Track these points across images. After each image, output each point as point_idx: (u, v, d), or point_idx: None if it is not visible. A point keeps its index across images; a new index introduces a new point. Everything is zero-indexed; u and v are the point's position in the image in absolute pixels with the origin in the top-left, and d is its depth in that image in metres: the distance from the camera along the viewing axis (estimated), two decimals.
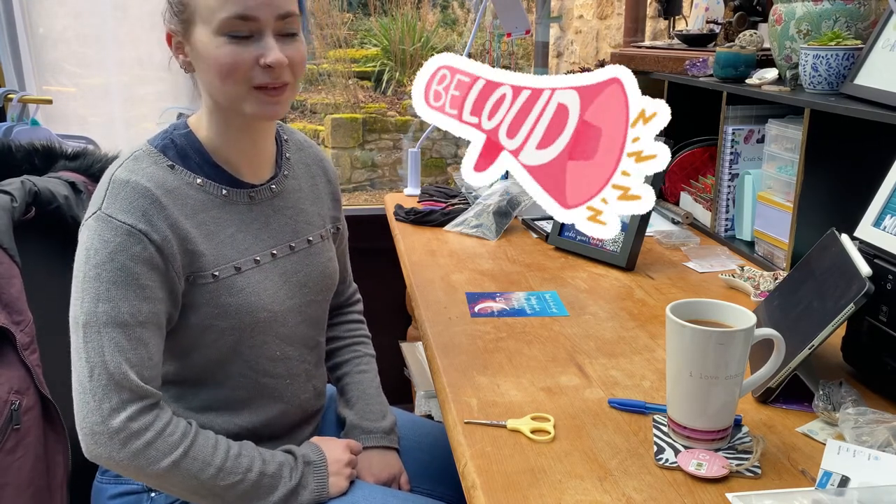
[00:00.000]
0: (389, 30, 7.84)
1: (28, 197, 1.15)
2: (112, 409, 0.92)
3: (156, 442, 0.93)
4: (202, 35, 0.97)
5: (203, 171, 1.03)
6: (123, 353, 0.93)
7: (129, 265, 0.93)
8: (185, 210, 0.99)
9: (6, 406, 0.99)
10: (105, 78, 2.01)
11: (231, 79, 0.97)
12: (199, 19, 0.97)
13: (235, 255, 1.04)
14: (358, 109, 7.19)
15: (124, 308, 0.93)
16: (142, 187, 0.96)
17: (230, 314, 1.02)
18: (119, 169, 0.98)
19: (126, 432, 0.92)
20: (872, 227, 1.00)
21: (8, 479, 0.99)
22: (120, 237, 0.93)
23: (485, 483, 0.80)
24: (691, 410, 0.86)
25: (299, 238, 1.13)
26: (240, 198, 1.06)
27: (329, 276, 1.18)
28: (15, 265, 1.07)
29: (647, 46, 2.16)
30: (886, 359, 0.95)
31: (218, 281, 1.01)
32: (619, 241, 1.49)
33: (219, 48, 0.96)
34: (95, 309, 0.92)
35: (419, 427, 1.32)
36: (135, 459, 0.93)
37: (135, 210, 0.95)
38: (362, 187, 6.93)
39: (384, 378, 1.30)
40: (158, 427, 0.94)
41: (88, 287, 0.93)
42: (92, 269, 0.93)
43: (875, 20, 1.39)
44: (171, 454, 0.94)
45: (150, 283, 0.95)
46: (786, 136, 1.47)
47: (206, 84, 1.01)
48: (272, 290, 1.07)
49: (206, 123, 1.05)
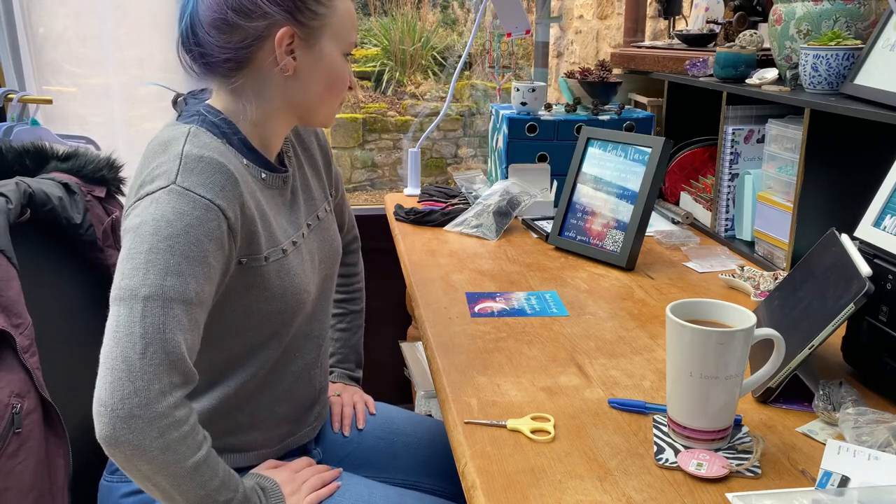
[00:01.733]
0: (389, 30, 7.84)
1: (23, 198, 1.14)
2: (161, 391, 0.85)
3: (189, 437, 0.88)
4: (331, 49, 1.01)
5: (243, 153, 1.02)
6: (184, 332, 0.88)
7: (204, 241, 0.89)
8: (248, 188, 0.98)
9: (7, 410, 0.99)
10: (105, 78, 2.01)
11: (339, 94, 1.05)
12: (329, 33, 1.00)
13: (282, 238, 1.04)
14: (358, 109, 7.19)
15: (192, 285, 0.88)
16: (217, 163, 0.93)
17: (278, 297, 1.02)
18: (187, 145, 0.93)
19: (168, 420, 0.85)
20: (872, 227, 1.00)
21: (10, 483, 0.98)
22: (198, 211, 0.89)
23: (485, 483, 0.80)
24: (691, 410, 0.86)
25: (312, 216, 1.14)
26: (275, 182, 1.06)
27: (337, 250, 1.20)
28: (13, 267, 1.07)
29: (647, 46, 2.16)
30: (886, 359, 0.95)
31: (269, 264, 1.00)
32: (619, 241, 1.49)
33: (342, 65, 1.03)
34: (163, 282, 0.86)
35: (419, 424, 1.33)
36: (165, 452, 0.86)
37: (213, 185, 0.91)
38: (362, 187, 6.93)
39: (384, 378, 1.31)
40: (193, 421, 0.89)
41: (157, 259, 0.87)
42: (163, 240, 0.87)
43: (875, 20, 1.39)
44: (196, 454, 0.89)
45: (216, 263, 0.92)
46: (786, 136, 1.48)
47: (307, 91, 1.01)
48: (308, 269, 1.09)
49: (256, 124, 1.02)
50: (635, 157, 1.52)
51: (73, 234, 1.22)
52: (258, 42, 0.97)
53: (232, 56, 0.97)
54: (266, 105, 1.02)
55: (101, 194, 1.29)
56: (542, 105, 1.89)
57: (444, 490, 1.24)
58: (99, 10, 1.96)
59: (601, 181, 1.57)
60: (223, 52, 0.96)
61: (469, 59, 7.23)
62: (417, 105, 7.36)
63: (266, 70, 0.99)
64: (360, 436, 1.28)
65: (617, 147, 1.56)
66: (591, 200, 1.58)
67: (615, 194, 1.53)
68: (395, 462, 1.26)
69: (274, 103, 1.02)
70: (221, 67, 0.98)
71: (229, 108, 1.02)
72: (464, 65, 2.27)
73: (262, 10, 0.95)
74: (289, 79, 1.00)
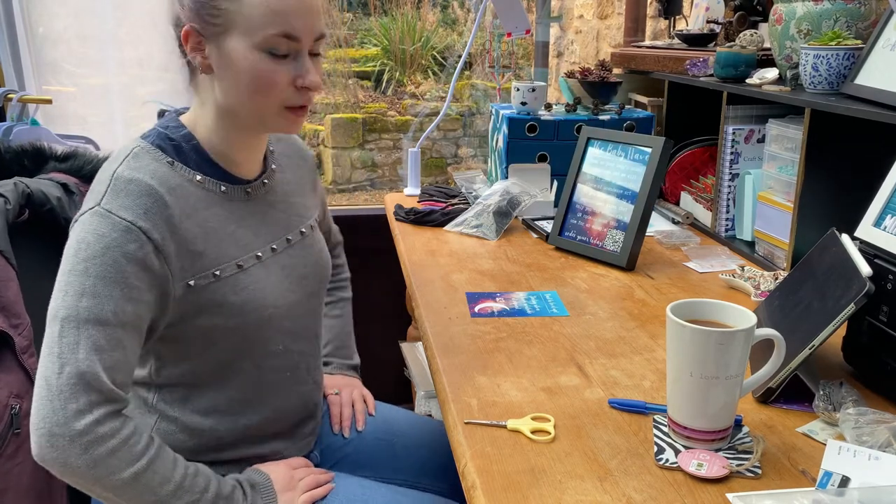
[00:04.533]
0: (389, 30, 7.84)
1: (21, 199, 1.14)
2: (78, 410, 0.86)
3: (120, 450, 0.88)
4: (238, 45, 0.95)
5: (200, 168, 1.01)
6: (99, 352, 0.88)
7: (121, 262, 0.90)
8: (186, 208, 0.97)
9: (6, 410, 0.99)
10: (105, 78, 2.01)
11: (263, 95, 0.97)
12: (236, 29, 0.95)
13: (237, 253, 1.02)
14: (358, 109, 7.19)
15: (108, 306, 0.89)
16: (146, 185, 0.94)
17: (235, 313, 1.01)
18: (121, 166, 0.95)
19: (90, 436, 0.86)
20: (873, 227, 1.00)
21: (9, 483, 0.98)
22: (116, 233, 0.90)
23: (485, 483, 0.80)
24: (691, 410, 0.86)
25: (293, 231, 1.13)
26: (237, 194, 1.05)
27: (325, 267, 1.19)
28: (11, 268, 1.07)
29: (647, 46, 2.16)
30: (886, 359, 0.95)
31: (220, 280, 1.00)
32: (620, 241, 1.49)
33: (257, 63, 0.95)
34: (78, 304, 0.88)
35: (418, 424, 1.33)
36: (94, 468, 0.87)
37: (137, 207, 0.92)
38: (362, 187, 6.93)
39: (384, 378, 1.30)
40: (124, 435, 0.89)
41: (73, 280, 0.89)
42: (81, 262, 0.89)
43: (875, 20, 1.39)
44: (133, 465, 0.89)
45: (139, 283, 0.91)
46: (786, 136, 1.47)
47: (227, 92, 0.99)
48: (276, 285, 1.06)
49: (210, 124, 1.03)
50: (635, 157, 1.52)
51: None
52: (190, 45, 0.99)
53: (182, 57, 1.00)
54: (208, 109, 1.02)
55: None
56: (542, 105, 1.89)
57: (443, 490, 1.24)
58: (99, 10, 1.96)
59: (601, 181, 1.57)
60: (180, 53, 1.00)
61: (469, 59, 7.23)
62: (417, 105, 7.36)
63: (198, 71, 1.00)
64: (359, 437, 1.27)
65: (617, 147, 1.56)
66: (592, 200, 1.58)
67: (615, 194, 1.53)
68: (395, 463, 1.26)
69: (213, 107, 1.01)
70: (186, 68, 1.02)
71: (193, 114, 1.04)
72: (464, 65, 2.27)
73: (175, 11, 0.98)
74: (214, 80, 0.99)
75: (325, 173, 7.05)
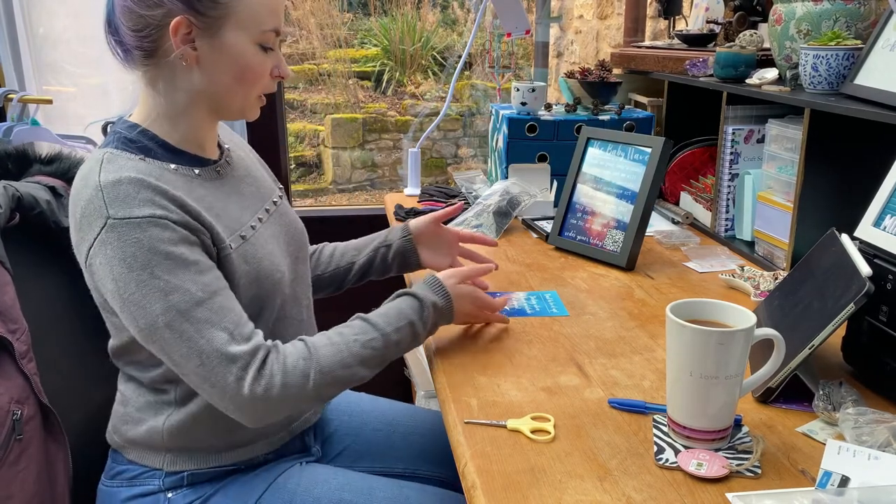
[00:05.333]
0: (389, 30, 7.84)
1: (11, 202, 1.13)
2: (237, 379, 0.92)
3: (288, 384, 0.94)
4: (235, 38, 0.98)
5: (169, 157, 1.02)
6: (216, 326, 0.92)
7: (171, 250, 0.92)
8: (182, 190, 0.98)
9: (8, 417, 0.98)
10: (105, 78, 2.01)
11: (250, 84, 1.02)
12: (233, 22, 0.97)
13: (236, 226, 1.04)
14: (358, 109, 7.19)
15: (193, 287, 0.92)
16: (135, 179, 0.93)
17: (252, 282, 1.03)
18: (101, 175, 0.94)
19: (260, 396, 0.93)
20: (872, 227, 1.00)
21: (13, 490, 0.97)
22: (147, 230, 0.91)
23: (485, 483, 0.80)
24: (691, 410, 0.86)
25: (268, 201, 1.15)
26: (209, 174, 1.06)
27: (302, 232, 1.21)
28: (6, 272, 1.06)
29: (647, 46, 2.16)
30: (886, 359, 0.95)
31: (234, 251, 1.01)
32: (620, 241, 1.49)
33: (252, 56, 1.00)
34: (169, 304, 0.91)
35: (416, 414, 1.35)
36: (284, 408, 0.96)
37: (142, 202, 0.92)
38: (362, 187, 6.93)
39: (384, 378, 1.30)
40: (278, 371, 0.94)
41: (147, 291, 0.91)
42: (141, 272, 0.91)
43: (875, 20, 1.39)
44: (307, 382, 0.95)
45: (196, 256, 0.95)
46: (786, 136, 1.48)
47: (213, 81, 1.00)
48: (276, 252, 1.09)
49: (176, 112, 1.02)
50: (635, 157, 1.52)
51: (61, 237, 1.20)
52: (159, 31, 0.97)
53: (139, 44, 0.98)
54: (178, 96, 1.01)
55: None
56: (542, 105, 1.89)
57: (443, 476, 1.25)
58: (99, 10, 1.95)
59: (601, 181, 1.57)
60: (132, 39, 0.98)
61: (469, 59, 7.23)
62: (417, 105, 7.36)
63: (173, 60, 0.98)
64: (358, 428, 1.29)
65: (617, 147, 1.56)
66: (591, 200, 1.58)
67: (615, 194, 1.53)
68: (394, 451, 1.27)
69: (186, 94, 1.01)
70: (134, 55, 1.00)
71: (147, 107, 1.03)
72: (464, 65, 2.27)
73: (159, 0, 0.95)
74: (194, 69, 0.99)
75: (325, 173, 7.05)
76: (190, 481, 1.06)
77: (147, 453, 1.06)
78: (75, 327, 1.22)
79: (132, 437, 1.06)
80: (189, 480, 1.06)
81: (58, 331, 1.19)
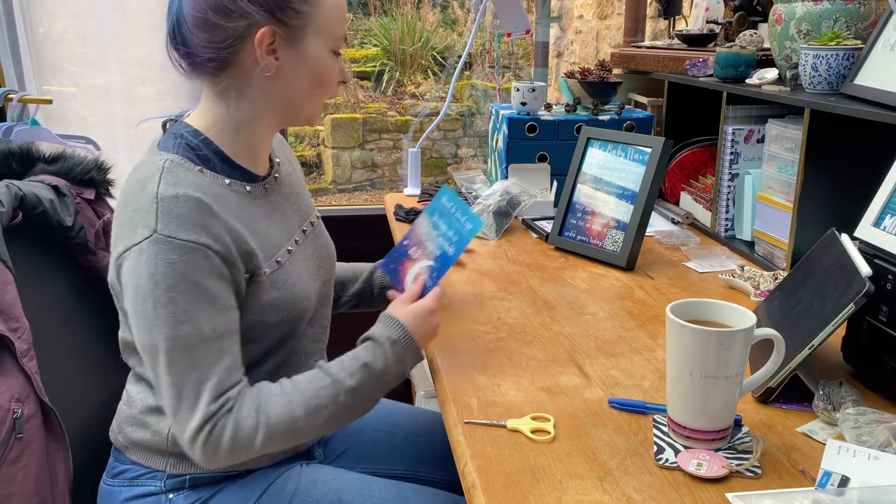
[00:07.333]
0: (389, 30, 7.84)
1: (14, 201, 1.13)
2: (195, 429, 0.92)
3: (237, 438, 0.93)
4: (316, 46, 0.99)
5: (225, 171, 1.01)
6: (209, 368, 0.92)
7: (201, 282, 0.92)
8: (230, 212, 0.98)
9: (8, 415, 0.98)
10: (105, 78, 2.01)
11: (325, 90, 1.04)
12: (313, 30, 0.98)
13: (273, 250, 1.04)
14: (358, 109, 7.19)
15: (205, 325, 0.92)
16: (193, 199, 0.93)
17: (279, 308, 1.02)
18: (161, 186, 0.93)
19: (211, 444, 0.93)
20: (872, 226, 1.00)
21: (13, 489, 0.97)
22: (186, 256, 0.91)
23: (485, 483, 0.81)
24: (691, 410, 0.86)
25: (306, 222, 1.15)
26: (258, 192, 1.06)
27: (332, 254, 1.21)
28: (8, 271, 1.06)
29: (647, 46, 2.16)
30: (886, 359, 0.95)
31: (268, 277, 1.01)
32: (620, 241, 1.49)
33: (328, 63, 1.02)
34: (177, 333, 0.91)
35: (417, 415, 1.35)
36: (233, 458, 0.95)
37: (193, 225, 0.92)
38: (362, 187, 6.93)
39: None
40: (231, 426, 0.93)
41: (163, 312, 0.91)
42: (162, 293, 0.90)
43: (875, 20, 1.39)
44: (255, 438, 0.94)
45: (222, 293, 0.94)
46: (786, 136, 1.48)
47: (292, 90, 1.00)
48: (306, 276, 1.09)
49: (239, 124, 1.02)
50: (635, 157, 1.52)
51: (64, 236, 1.21)
52: (239, 42, 0.96)
53: (214, 56, 0.96)
54: (251, 106, 1.01)
55: (90, 196, 1.27)
56: (542, 105, 1.89)
57: (444, 478, 1.25)
58: (99, 10, 1.96)
59: (601, 181, 1.57)
60: (206, 51, 0.96)
61: (469, 59, 7.23)
62: (417, 105, 7.36)
63: (249, 70, 0.98)
64: (359, 429, 1.28)
65: (617, 147, 1.56)
66: (591, 200, 1.58)
67: (615, 194, 1.53)
68: (395, 453, 1.27)
69: (259, 103, 1.01)
70: (206, 67, 0.98)
71: (212, 117, 1.02)
72: (464, 65, 2.27)
73: (242, 10, 0.94)
74: (272, 78, 0.99)
75: (325, 173, 7.05)
76: (191, 483, 1.06)
77: (150, 455, 1.07)
78: (76, 326, 1.22)
79: (136, 439, 1.07)
80: (190, 483, 1.06)
81: (59, 329, 1.19)
